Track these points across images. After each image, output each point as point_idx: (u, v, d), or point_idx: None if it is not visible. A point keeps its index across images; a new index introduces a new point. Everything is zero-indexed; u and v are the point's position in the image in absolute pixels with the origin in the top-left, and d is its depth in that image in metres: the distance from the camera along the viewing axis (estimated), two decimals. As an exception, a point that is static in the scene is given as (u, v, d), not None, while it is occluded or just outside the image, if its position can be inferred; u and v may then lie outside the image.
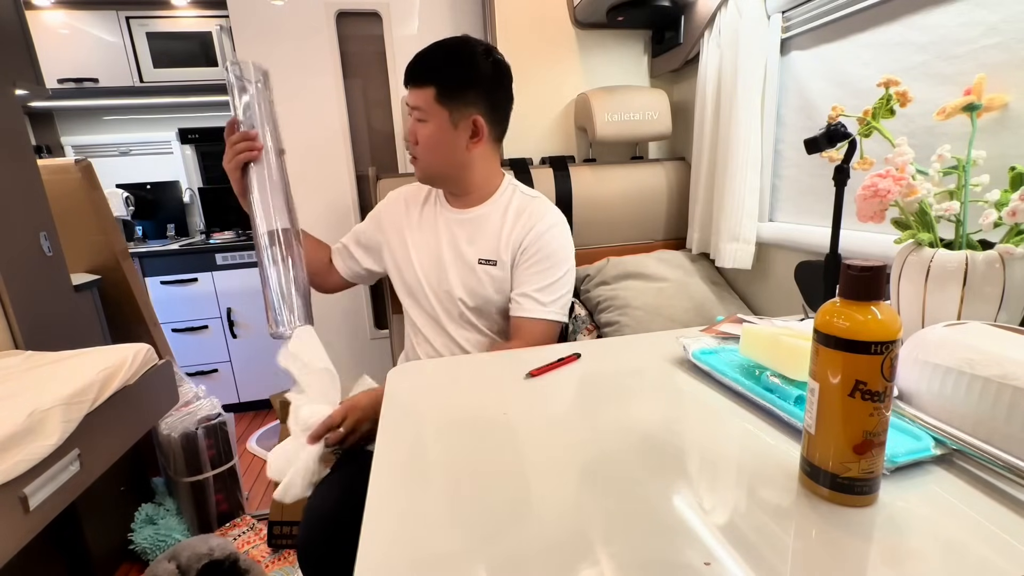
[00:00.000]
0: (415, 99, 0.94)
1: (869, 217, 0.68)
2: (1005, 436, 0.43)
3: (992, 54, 0.79)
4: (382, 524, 0.43)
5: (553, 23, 1.56)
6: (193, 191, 2.85)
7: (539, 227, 0.97)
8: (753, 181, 1.25)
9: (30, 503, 0.79)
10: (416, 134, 0.95)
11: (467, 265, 0.99)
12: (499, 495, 0.46)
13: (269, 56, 1.57)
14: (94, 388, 0.95)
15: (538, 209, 1.00)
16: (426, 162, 0.98)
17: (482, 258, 0.99)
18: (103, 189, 1.66)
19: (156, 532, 1.49)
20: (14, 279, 1.17)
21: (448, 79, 0.92)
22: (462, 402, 0.66)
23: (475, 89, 0.94)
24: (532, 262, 0.97)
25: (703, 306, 1.31)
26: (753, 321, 0.77)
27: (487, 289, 0.98)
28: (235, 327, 2.45)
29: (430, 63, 0.93)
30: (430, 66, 0.93)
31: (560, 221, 1.01)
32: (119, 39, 2.34)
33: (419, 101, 0.93)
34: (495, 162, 1.03)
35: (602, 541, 0.39)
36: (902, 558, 0.36)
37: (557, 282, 0.97)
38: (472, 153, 0.97)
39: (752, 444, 0.52)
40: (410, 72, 0.94)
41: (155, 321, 1.81)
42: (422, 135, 0.95)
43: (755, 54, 1.20)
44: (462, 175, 1.00)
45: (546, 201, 1.03)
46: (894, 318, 0.38)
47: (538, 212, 0.99)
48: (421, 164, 0.98)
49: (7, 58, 1.25)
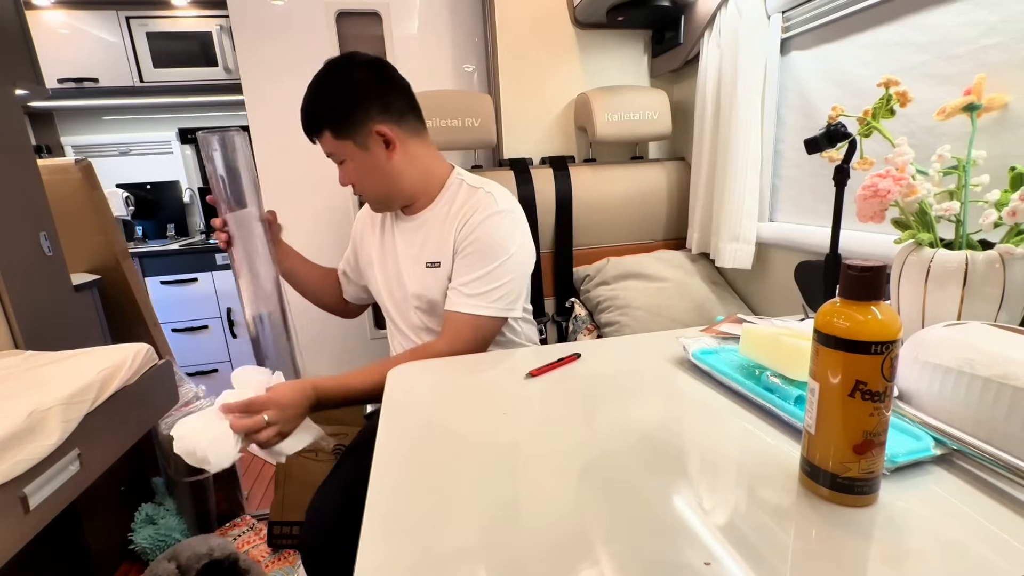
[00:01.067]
0: (324, 147, 0.94)
1: (869, 217, 0.68)
2: (1005, 436, 0.43)
3: (992, 54, 0.79)
4: (382, 524, 0.43)
5: (553, 23, 1.56)
6: (193, 191, 2.85)
7: (473, 219, 0.92)
8: (753, 181, 1.25)
9: (30, 503, 0.79)
10: (345, 177, 0.95)
11: (419, 271, 0.99)
12: (499, 495, 0.46)
13: (269, 56, 1.57)
14: (94, 388, 0.95)
15: (477, 200, 0.94)
16: (369, 193, 0.98)
17: (428, 261, 0.97)
18: (103, 189, 1.66)
19: (156, 532, 1.49)
20: (14, 279, 1.17)
21: (332, 115, 0.90)
22: (462, 402, 0.66)
23: (358, 105, 0.89)
24: (464, 255, 0.92)
25: (703, 306, 1.31)
26: (753, 321, 0.77)
27: (434, 292, 0.96)
28: (235, 327, 2.45)
29: (311, 110, 0.92)
30: (312, 112, 0.92)
31: (505, 209, 0.93)
32: (119, 39, 2.34)
33: (326, 148, 0.93)
34: (428, 157, 0.98)
35: (602, 541, 0.39)
36: (902, 558, 0.36)
37: (489, 274, 0.90)
38: (394, 161, 0.93)
39: (752, 444, 0.52)
40: (305, 128, 0.93)
41: (155, 321, 1.81)
42: (348, 173, 0.95)
43: (755, 54, 1.19)
44: (401, 187, 0.96)
45: (491, 190, 0.96)
46: (894, 318, 0.38)
47: (474, 203, 0.94)
48: (367, 197, 1.00)
49: (7, 58, 1.25)
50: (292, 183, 1.63)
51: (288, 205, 1.67)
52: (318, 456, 1.54)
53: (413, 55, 1.66)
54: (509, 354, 0.85)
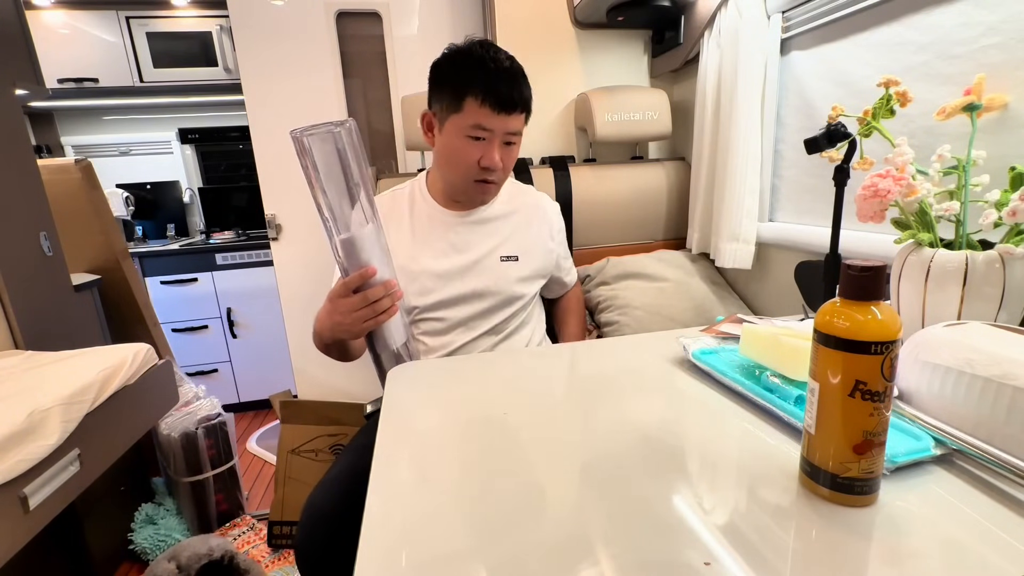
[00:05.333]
0: (516, 124, 0.91)
1: (869, 217, 0.68)
2: (1005, 436, 0.43)
3: (992, 54, 0.79)
4: (382, 525, 0.43)
5: (553, 23, 1.56)
6: (193, 191, 2.85)
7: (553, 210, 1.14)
8: (753, 181, 1.25)
9: (30, 503, 0.79)
10: (504, 158, 0.93)
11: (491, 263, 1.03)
12: (499, 495, 0.46)
13: (269, 56, 1.57)
14: (94, 388, 0.95)
15: (537, 194, 1.15)
16: (503, 181, 1.01)
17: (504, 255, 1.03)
18: (103, 189, 1.67)
19: (156, 532, 1.50)
20: (14, 279, 1.17)
21: (530, 103, 0.93)
22: (462, 402, 0.66)
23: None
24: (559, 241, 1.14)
25: (703, 306, 1.31)
26: (753, 321, 0.77)
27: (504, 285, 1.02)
28: (235, 327, 2.45)
29: (525, 87, 0.91)
30: (528, 90, 0.92)
31: None
32: (119, 39, 2.34)
33: (516, 126, 0.91)
34: None
35: (602, 541, 0.39)
36: (902, 558, 0.36)
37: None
38: None
39: (752, 444, 0.52)
40: (514, 98, 0.88)
41: (155, 321, 1.81)
42: (512, 158, 0.96)
43: (755, 54, 1.19)
44: None
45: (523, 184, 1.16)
46: (894, 318, 0.38)
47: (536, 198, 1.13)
48: (499, 188, 1.01)
49: (7, 58, 1.25)
50: (292, 183, 1.63)
51: (288, 205, 1.68)
52: (318, 456, 1.54)
53: (413, 55, 1.66)
54: (509, 354, 0.85)
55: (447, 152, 0.94)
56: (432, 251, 0.99)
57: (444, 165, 0.97)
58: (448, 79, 0.90)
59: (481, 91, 0.86)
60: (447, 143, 0.92)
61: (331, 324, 0.79)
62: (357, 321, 0.76)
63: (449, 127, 0.91)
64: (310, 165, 0.69)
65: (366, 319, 0.76)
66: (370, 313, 0.76)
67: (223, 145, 2.85)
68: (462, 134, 0.90)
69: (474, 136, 0.89)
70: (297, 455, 1.53)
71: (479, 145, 0.90)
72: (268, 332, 2.45)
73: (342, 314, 0.76)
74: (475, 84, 0.86)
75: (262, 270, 2.41)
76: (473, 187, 0.96)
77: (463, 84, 0.87)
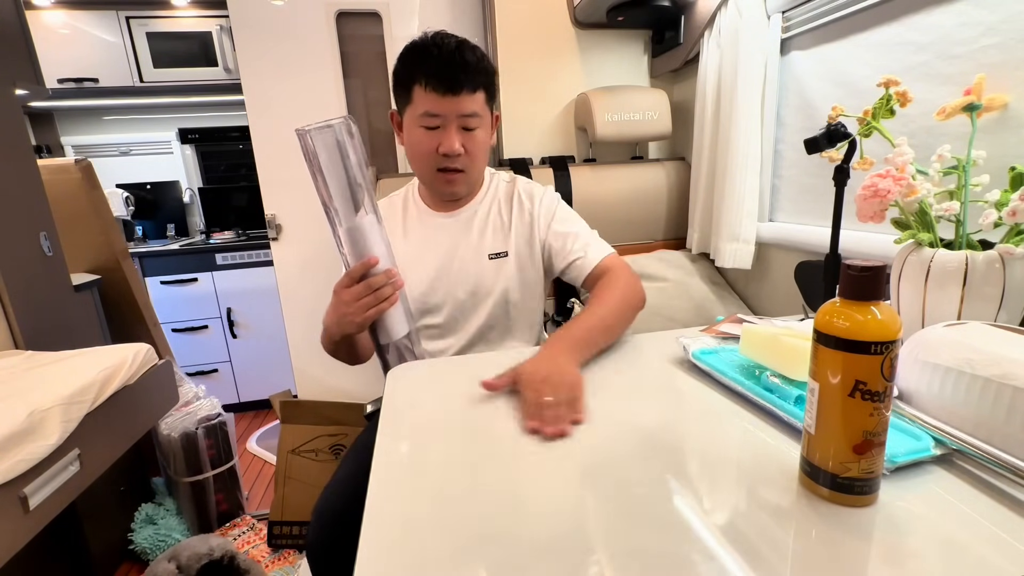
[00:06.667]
0: (472, 105, 0.87)
1: (869, 217, 0.68)
2: (1005, 436, 0.43)
3: (991, 54, 0.79)
4: (382, 524, 0.43)
5: (553, 23, 1.56)
6: (193, 191, 2.85)
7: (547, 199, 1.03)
8: (753, 181, 1.25)
9: (30, 503, 0.79)
10: (466, 144, 0.89)
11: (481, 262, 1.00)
12: (499, 495, 0.46)
13: (269, 56, 1.57)
14: (94, 388, 0.95)
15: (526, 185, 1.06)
16: (474, 173, 0.95)
17: (491, 253, 0.99)
18: (103, 189, 1.67)
19: (156, 532, 1.50)
20: (14, 279, 1.17)
21: (492, 77, 0.90)
22: (462, 402, 0.66)
23: (497, 85, 0.94)
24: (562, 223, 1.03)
25: (703, 306, 1.31)
26: (753, 321, 0.77)
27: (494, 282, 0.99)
28: (235, 327, 2.45)
29: (479, 65, 0.87)
30: (480, 68, 0.87)
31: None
32: (119, 39, 2.34)
33: (473, 107, 0.87)
34: None
35: (602, 541, 0.39)
36: (902, 558, 0.36)
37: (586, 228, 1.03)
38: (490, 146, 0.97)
39: (752, 444, 0.52)
40: (459, 78, 0.84)
41: (155, 321, 1.81)
42: (476, 144, 0.90)
43: (755, 54, 1.20)
44: (483, 173, 1.02)
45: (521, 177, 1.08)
46: (894, 318, 0.38)
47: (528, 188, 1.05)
48: (467, 177, 0.94)
49: (7, 58, 1.25)
50: (292, 183, 1.63)
51: (288, 205, 1.67)
52: (318, 456, 1.54)
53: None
54: (509, 355, 0.85)
55: (409, 147, 0.93)
56: (423, 254, 0.99)
57: (411, 161, 0.96)
58: (399, 74, 0.90)
59: (424, 76, 0.85)
60: (408, 138, 0.93)
61: (337, 317, 0.80)
62: (360, 310, 0.76)
63: (407, 121, 0.91)
64: (312, 158, 0.71)
65: (369, 307, 0.77)
66: (373, 301, 0.76)
67: (223, 145, 2.85)
68: (417, 124, 0.89)
69: (428, 125, 0.88)
70: (297, 455, 1.53)
71: (435, 133, 0.89)
72: (268, 332, 2.45)
73: (346, 303, 0.77)
74: (419, 71, 0.86)
75: (262, 270, 2.41)
76: (438, 178, 0.93)
77: (410, 74, 0.87)
